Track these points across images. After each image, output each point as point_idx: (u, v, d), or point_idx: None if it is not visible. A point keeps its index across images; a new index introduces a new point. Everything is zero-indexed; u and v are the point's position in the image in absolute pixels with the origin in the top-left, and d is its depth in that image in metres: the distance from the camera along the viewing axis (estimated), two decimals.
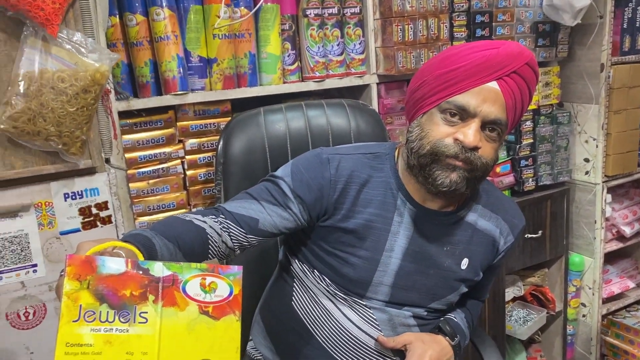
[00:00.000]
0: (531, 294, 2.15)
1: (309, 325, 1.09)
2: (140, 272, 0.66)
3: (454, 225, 1.07)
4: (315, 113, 1.43)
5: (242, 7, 1.44)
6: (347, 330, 1.06)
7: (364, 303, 1.05)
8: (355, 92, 1.70)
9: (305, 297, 1.10)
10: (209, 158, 1.51)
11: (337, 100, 1.48)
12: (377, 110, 1.66)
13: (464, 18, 1.71)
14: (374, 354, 1.06)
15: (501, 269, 1.19)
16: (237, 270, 0.71)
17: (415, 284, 1.06)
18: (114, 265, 0.65)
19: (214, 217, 0.97)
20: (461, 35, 1.71)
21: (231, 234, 0.97)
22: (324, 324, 1.08)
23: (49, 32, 1.08)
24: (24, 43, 1.09)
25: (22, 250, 1.20)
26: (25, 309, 1.22)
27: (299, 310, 1.11)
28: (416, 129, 0.99)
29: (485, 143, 0.95)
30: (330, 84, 1.61)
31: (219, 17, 1.39)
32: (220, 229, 0.96)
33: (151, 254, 0.79)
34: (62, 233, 1.23)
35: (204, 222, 0.95)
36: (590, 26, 1.90)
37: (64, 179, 1.21)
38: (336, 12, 1.58)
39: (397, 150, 1.09)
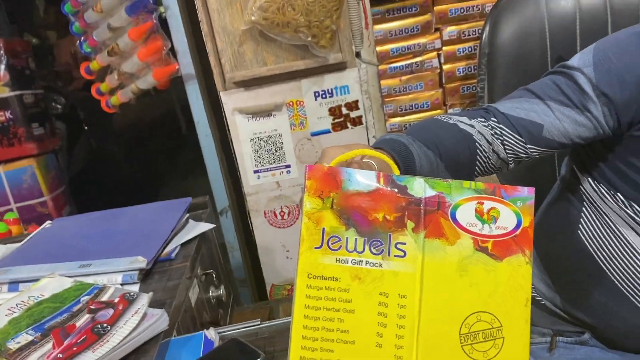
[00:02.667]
0: None
1: (603, 262, 0.83)
2: (396, 191, 0.51)
3: None
4: None
5: None
6: None
7: None
8: None
9: (598, 226, 0.84)
10: (470, 49, 1.28)
11: None
12: None
13: None
14: None
15: None
16: (527, 193, 0.52)
17: None
18: (364, 180, 0.51)
19: (483, 120, 0.76)
20: None
21: (505, 142, 0.75)
22: (626, 262, 0.81)
23: None
24: None
25: (276, 151, 1.17)
26: (281, 208, 1.22)
27: (590, 242, 0.85)
28: None
29: None
30: None
31: None
32: (492, 135, 0.75)
33: (409, 166, 0.63)
34: (313, 134, 1.17)
35: (472, 126, 0.74)
36: None
37: (313, 75, 1.12)
38: None
39: None
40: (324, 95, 1.14)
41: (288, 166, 1.19)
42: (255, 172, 1.19)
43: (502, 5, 1.09)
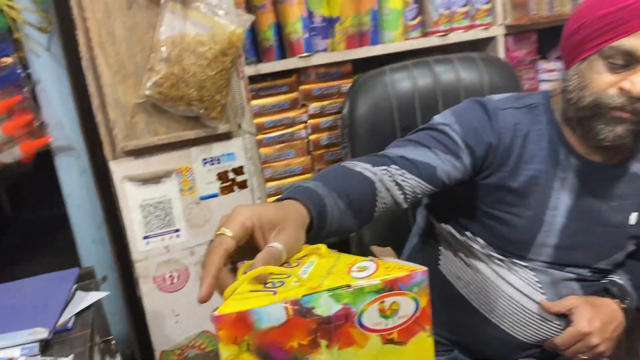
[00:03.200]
0: None
1: (461, 289, 1.04)
2: (306, 316, 0.53)
3: (621, 178, 0.97)
4: (444, 69, 1.35)
5: None
6: (505, 293, 0.99)
7: (525, 264, 0.98)
8: (479, 46, 1.60)
9: (454, 260, 1.05)
10: (331, 122, 1.48)
11: (467, 53, 1.39)
12: None
13: None
14: (536, 318, 0.99)
15: None
16: (421, 276, 0.56)
17: (581, 244, 0.97)
18: (274, 314, 0.52)
19: (384, 167, 0.87)
20: None
21: (405, 184, 0.88)
22: (478, 288, 1.02)
23: None
24: (164, 8, 1.09)
25: (165, 216, 1.22)
26: (170, 272, 1.25)
27: (449, 274, 1.06)
28: (575, 78, 0.89)
29: None
30: (454, 38, 1.52)
31: None
32: (391, 182, 0.86)
33: (321, 221, 0.69)
34: (202, 198, 1.24)
35: (374, 173, 0.85)
36: None
37: (202, 144, 1.21)
38: None
39: (551, 99, 1.00)
40: (212, 162, 1.23)
41: (177, 230, 1.24)
42: (145, 237, 1.22)
43: (358, 86, 1.32)
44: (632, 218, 0.99)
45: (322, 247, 0.59)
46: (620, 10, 0.82)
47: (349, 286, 0.52)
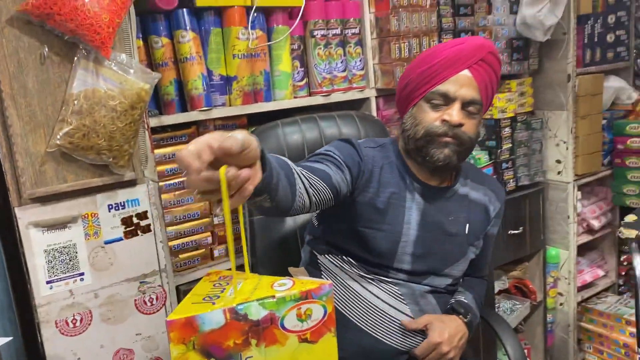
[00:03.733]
0: (515, 286, 2.33)
1: (344, 310, 1.21)
2: (240, 320, 0.66)
3: (453, 198, 1.27)
4: (328, 124, 1.56)
5: (258, 29, 1.56)
6: (377, 307, 1.19)
7: (389, 280, 1.20)
8: (356, 105, 1.84)
9: (335, 285, 1.23)
10: None
11: (347, 112, 1.62)
12: None
13: (451, 36, 1.89)
14: (404, 327, 1.20)
15: (494, 239, 1.39)
16: (328, 288, 0.71)
17: (432, 250, 1.23)
18: (214, 319, 0.64)
19: (298, 168, 1.03)
20: None
21: (313, 182, 1.04)
22: (356, 306, 1.21)
23: (103, 54, 1.17)
24: (77, 65, 1.18)
25: (70, 260, 1.26)
26: (73, 316, 1.28)
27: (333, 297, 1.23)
28: (409, 119, 1.21)
29: (467, 120, 1.16)
30: (335, 97, 1.75)
31: (238, 38, 1.51)
32: (304, 178, 1.01)
33: (271, 169, 0.79)
34: (106, 242, 1.30)
35: (295, 167, 1.01)
36: (557, 42, 2.12)
37: (108, 191, 1.29)
38: (339, 32, 1.73)
39: (396, 141, 1.29)
40: (117, 208, 1.31)
41: (82, 274, 1.28)
42: (48, 282, 1.24)
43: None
44: (467, 228, 1.27)
45: (247, 272, 0.74)
46: (433, 66, 1.16)
47: (273, 296, 0.67)
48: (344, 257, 1.23)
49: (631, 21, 2.40)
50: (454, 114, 1.15)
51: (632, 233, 1.62)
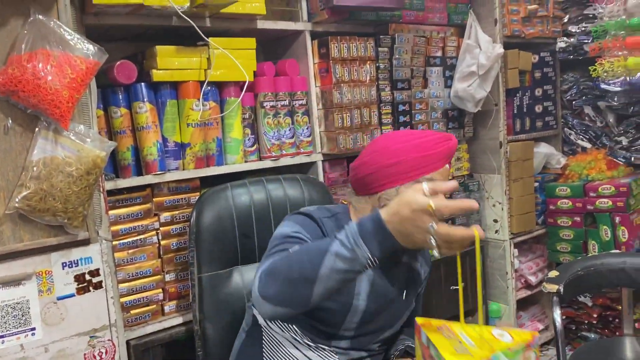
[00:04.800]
0: None
1: None
2: None
3: (396, 267, 1.36)
4: (275, 186, 1.70)
5: (211, 101, 1.72)
6: None
7: (330, 348, 1.29)
8: (304, 168, 1.99)
9: (276, 351, 1.31)
10: (180, 229, 1.73)
11: (292, 175, 1.77)
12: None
13: (390, 107, 2.08)
14: None
15: (423, 297, 1.52)
16: (537, 339, 0.87)
17: (376, 318, 1.31)
18: None
19: None
20: (387, 121, 2.08)
21: None
22: None
23: (62, 126, 1.30)
24: (37, 135, 1.30)
25: (22, 315, 1.34)
26: None
27: None
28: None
29: None
30: (284, 161, 1.90)
31: (192, 109, 1.66)
32: None
33: None
34: (59, 298, 1.38)
35: None
36: (489, 112, 2.34)
37: (63, 249, 1.38)
38: (287, 103, 1.90)
39: (348, 209, 1.35)
40: (70, 265, 1.40)
41: (33, 329, 1.35)
42: (0, 337, 1.31)
43: (204, 199, 1.60)
44: (404, 294, 1.37)
45: (462, 321, 0.93)
46: (429, 156, 1.22)
47: (510, 348, 0.84)
48: (287, 324, 1.30)
49: (557, 94, 2.66)
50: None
51: (553, 288, 1.77)
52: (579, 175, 2.49)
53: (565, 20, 2.57)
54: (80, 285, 1.41)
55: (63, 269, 1.39)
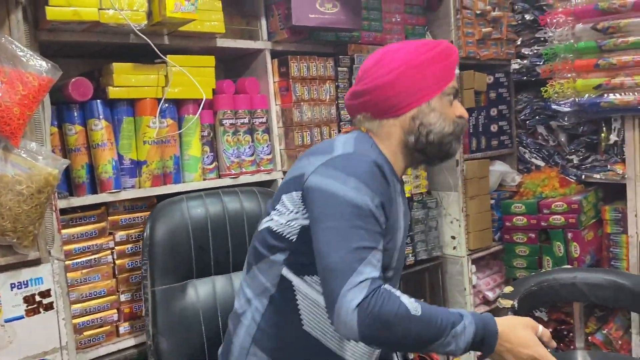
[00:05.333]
0: (420, 356, 2.46)
1: (328, 342, 1.18)
2: None
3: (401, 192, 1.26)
4: (231, 199, 1.69)
5: (169, 118, 1.71)
6: None
7: None
8: (265, 186, 1.99)
9: (317, 314, 1.17)
10: (136, 248, 1.70)
11: (249, 187, 1.77)
12: None
13: (349, 126, 2.11)
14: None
15: None
16: None
17: (400, 257, 1.23)
18: None
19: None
20: None
21: None
22: (334, 335, 1.18)
23: (12, 144, 1.27)
24: None
25: None
26: None
27: (315, 330, 1.18)
28: (433, 114, 1.16)
29: None
30: (244, 179, 1.89)
31: (149, 126, 1.65)
32: None
33: None
34: (6, 320, 1.34)
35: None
36: None
37: (11, 270, 1.34)
38: (247, 121, 1.90)
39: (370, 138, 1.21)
40: (19, 286, 1.36)
41: None
42: None
43: (157, 210, 1.59)
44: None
45: None
46: (446, 65, 1.18)
47: None
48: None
49: (512, 114, 2.75)
50: (464, 110, 1.22)
51: (508, 303, 1.81)
52: (533, 192, 2.56)
53: (519, 42, 2.67)
54: (29, 307, 1.37)
55: (12, 290, 1.35)
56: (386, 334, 0.98)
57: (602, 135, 2.43)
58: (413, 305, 1.01)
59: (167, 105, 1.69)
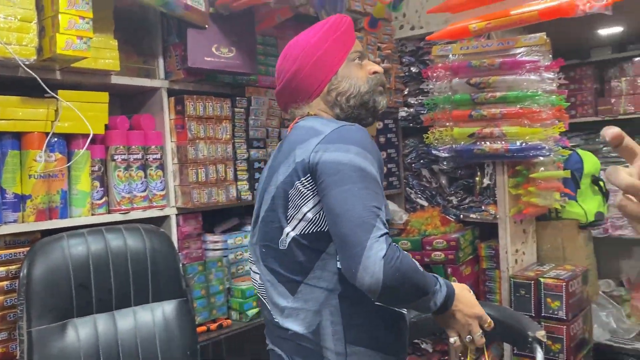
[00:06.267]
0: None
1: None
2: None
3: None
4: (114, 236, 1.68)
5: (57, 152, 1.69)
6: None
7: None
8: (157, 222, 2.00)
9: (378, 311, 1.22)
10: (16, 285, 1.64)
11: (134, 225, 1.77)
12: (176, 236, 1.98)
13: (245, 164, 2.18)
14: None
15: None
16: None
17: None
18: None
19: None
20: (243, 177, 2.17)
21: None
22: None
23: None
24: None
25: None
26: None
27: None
28: (344, 82, 1.28)
29: None
30: (135, 215, 1.90)
31: (35, 160, 1.63)
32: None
33: None
34: None
35: None
36: None
37: None
38: (140, 157, 1.92)
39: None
40: None
41: None
42: None
43: (36, 248, 1.56)
44: None
45: None
46: (345, 31, 1.30)
47: None
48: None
49: (400, 157, 2.97)
50: (376, 66, 1.32)
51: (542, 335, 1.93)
52: (418, 230, 2.75)
53: (406, 92, 2.90)
54: None
55: None
56: (402, 285, 1.07)
57: (477, 178, 2.68)
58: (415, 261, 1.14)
59: (56, 139, 1.68)
